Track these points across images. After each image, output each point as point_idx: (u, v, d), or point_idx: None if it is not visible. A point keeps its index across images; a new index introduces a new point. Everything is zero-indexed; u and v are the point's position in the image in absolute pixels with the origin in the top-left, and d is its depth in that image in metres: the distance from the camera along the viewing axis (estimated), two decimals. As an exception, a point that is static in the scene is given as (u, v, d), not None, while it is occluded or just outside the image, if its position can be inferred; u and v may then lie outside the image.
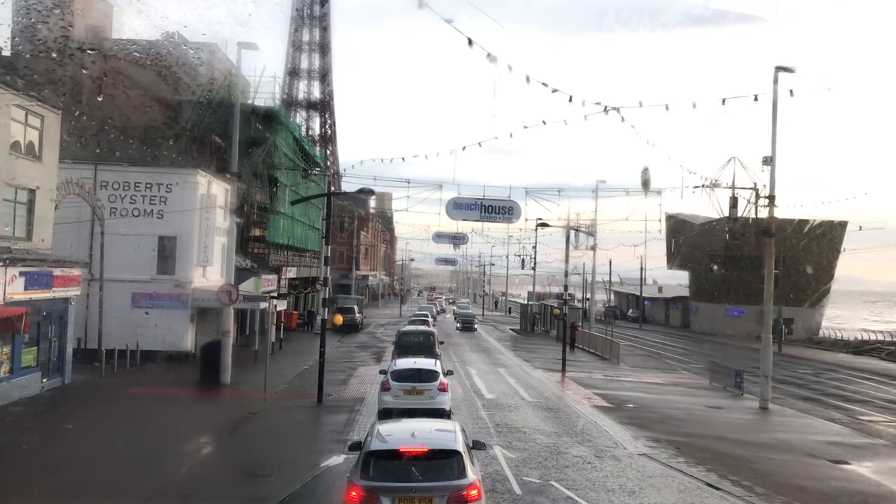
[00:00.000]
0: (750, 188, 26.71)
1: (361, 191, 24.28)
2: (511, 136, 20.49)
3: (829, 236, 77.83)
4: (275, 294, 38.05)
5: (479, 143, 19.61)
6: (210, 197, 35.05)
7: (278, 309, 40.53)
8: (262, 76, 46.28)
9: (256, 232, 50.39)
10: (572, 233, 55.69)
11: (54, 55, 22.99)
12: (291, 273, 53.58)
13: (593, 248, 56.09)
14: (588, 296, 69.67)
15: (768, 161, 26.68)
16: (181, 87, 37.65)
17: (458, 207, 28.14)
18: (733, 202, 27.30)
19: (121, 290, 32.62)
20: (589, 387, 29.38)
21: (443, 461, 9.79)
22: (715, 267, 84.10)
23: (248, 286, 40.67)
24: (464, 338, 53.90)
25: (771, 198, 26.79)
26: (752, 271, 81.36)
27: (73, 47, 25.20)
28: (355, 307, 57.15)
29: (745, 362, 43.39)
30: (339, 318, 24.09)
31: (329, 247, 23.17)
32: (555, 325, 61.39)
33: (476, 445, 11.73)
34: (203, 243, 34.40)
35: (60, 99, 25.45)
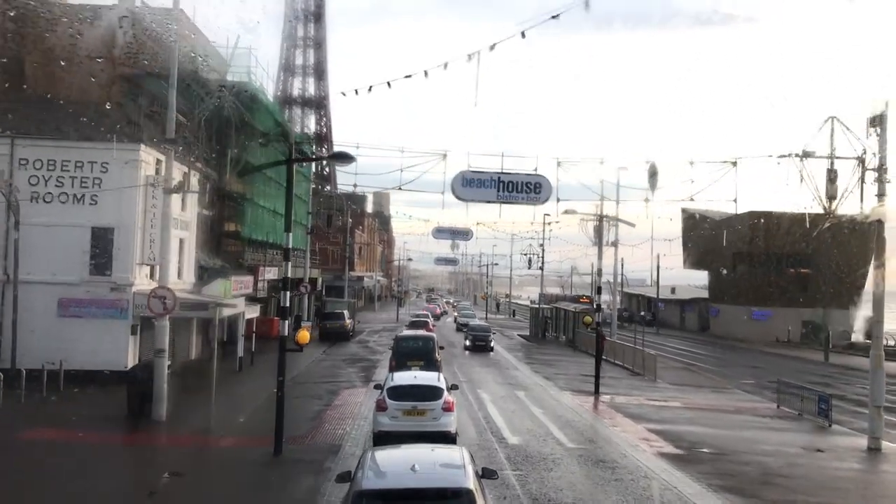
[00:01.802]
0: (853, 158, 20.06)
1: (337, 156, 17.67)
2: (523, 35, 13.63)
3: (860, 231, 71.31)
4: (231, 301, 31.06)
5: (491, 48, 12.52)
6: (160, 179, 28.28)
7: (248, 316, 33.87)
8: (236, 47, 39.46)
9: (232, 227, 43.80)
10: (593, 226, 49.13)
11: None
12: (272, 274, 46.82)
13: (615, 243, 49.31)
14: (605, 298, 62.86)
15: (877, 122, 20.04)
16: (139, 56, 31.19)
17: (469, 184, 21.41)
18: (831, 176, 20.61)
19: (43, 295, 26.04)
20: (638, 419, 22.70)
21: (451, 503, 8.31)
22: (738, 266, 77.51)
23: (213, 289, 34.14)
24: (461, 333, 46.75)
25: (881, 169, 20.14)
26: (778, 270, 75.09)
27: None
28: (345, 312, 50.40)
29: (798, 375, 36.88)
30: (304, 336, 17.23)
31: (290, 234, 16.65)
32: (568, 330, 54.71)
33: (486, 474, 10.38)
34: (149, 236, 27.62)
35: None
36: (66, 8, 30.00)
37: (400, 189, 20.59)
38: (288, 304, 16.99)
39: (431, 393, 17.13)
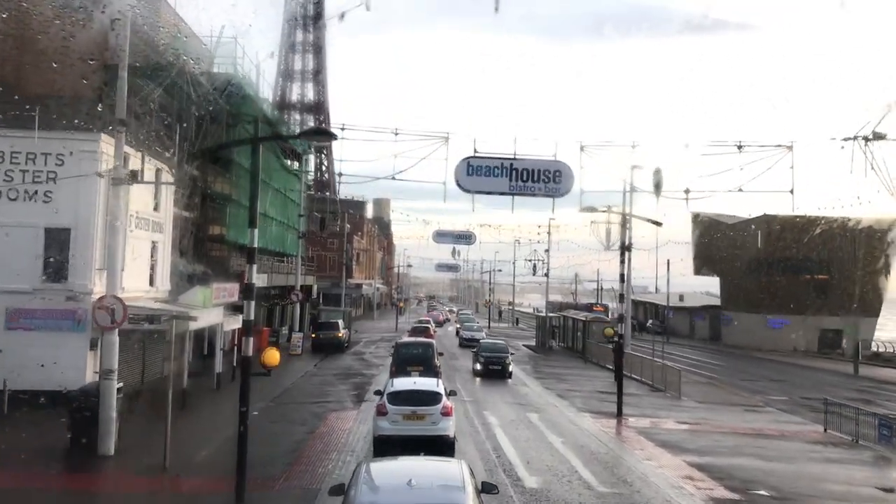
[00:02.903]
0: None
1: (314, 132, 14.40)
2: None
3: (878, 235, 68.03)
4: (196, 312, 27.43)
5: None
6: (125, 174, 25.05)
7: (229, 327, 30.61)
8: (221, 35, 36.28)
9: (216, 230, 40.58)
10: (606, 229, 45.92)
11: None
12: (261, 281, 43.53)
13: (628, 248, 45.91)
14: (612, 305, 59.63)
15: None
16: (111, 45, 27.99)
17: (476, 172, 18.01)
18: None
19: (-11, 306, 22.82)
20: (674, 448, 19.40)
21: None
22: (753, 272, 74.18)
23: (191, 297, 30.91)
24: (466, 350, 43.00)
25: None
26: (794, 276, 71.77)
27: None
28: (339, 322, 47.09)
29: (830, 390, 33.56)
30: (272, 357, 13.99)
31: (256, 230, 13.41)
32: (577, 340, 51.38)
33: (486, 488, 9.75)
34: (112, 239, 24.36)
35: None
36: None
37: (394, 179, 17.40)
38: (251, 318, 13.68)
39: (430, 398, 17.41)
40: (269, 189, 47.91)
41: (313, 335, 46.17)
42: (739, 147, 18.25)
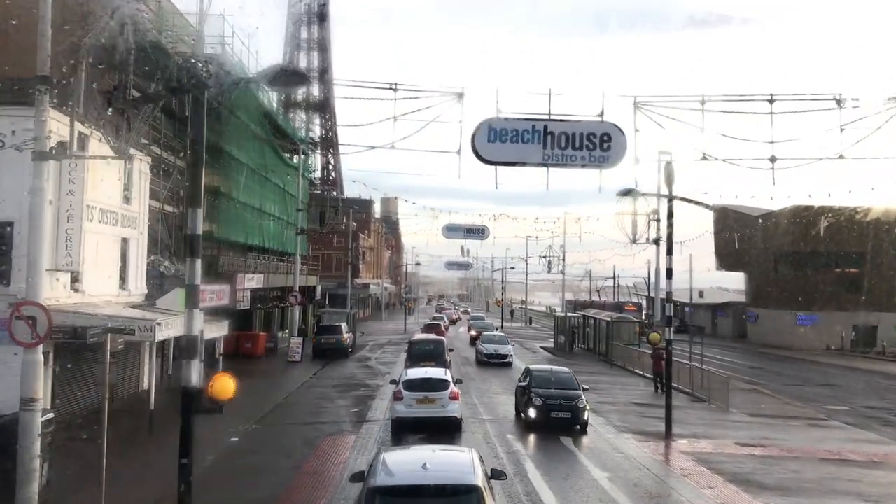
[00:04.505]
0: None
1: (278, 72, 10.59)
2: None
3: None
4: (154, 323, 23.41)
5: None
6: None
7: (212, 335, 26.77)
8: (207, 12, 32.50)
9: (204, 226, 36.86)
10: (633, 220, 41.92)
11: None
12: (255, 282, 39.84)
13: (657, 241, 41.95)
14: (639, 305, 55.65)
15: None
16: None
17: (500, 137, 13.92)
18: None
19: (-85, 315, 19.04)
20: (749, 486, 15.42)
21: (460, 498, 8.73)
22: (781, 267, 70.11)
23: (169, 301, 27.22)
24: (489, 371, 36.12)
25: None
26: (826, 270, 67.57)
27: None
28: (342, 325, 43.27)
29: (891, 397, 29.76)
30: (225, 387, 10.04)
31: (198, 211, 9.67)
32: (600, 341, 47.38)
33: (495, 475, 10.80)
34: (66, 233, 20.62)
35: None
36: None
37: (393, 148, 13.54)
38: (196, 333, 9.92)
39: (440, 385, 19.97)
40: (267, 184, 44.28)
41: (314, 340, 42.44)
42: (838, 100, 14.16)
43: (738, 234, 66.85)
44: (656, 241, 42.07)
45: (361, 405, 25.01)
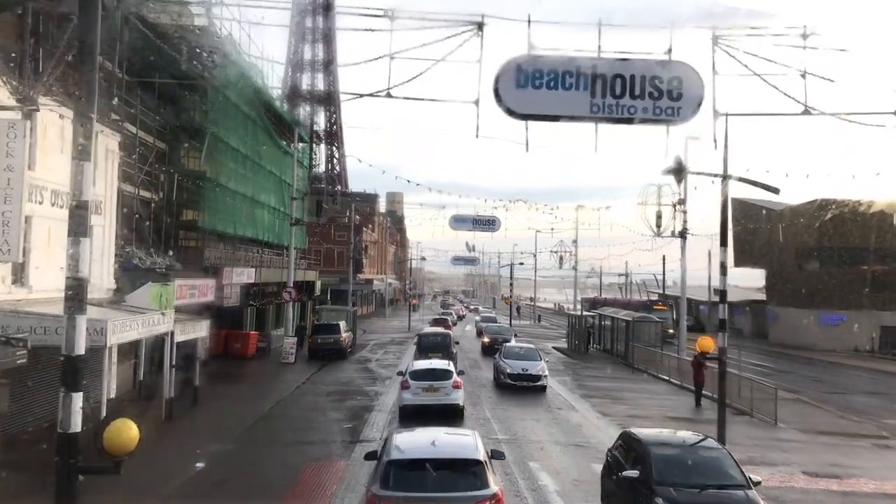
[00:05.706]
0: None
1: None
2: None
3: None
4: (119, 323, 19.96)
5: None
6: (31, 132, 17.88)
7: (185, 337, 23.43)
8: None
9: (189, 215, 33.64)
10: (657, 211, 38.57)
11: None
12: (245, 276, 36.53)
13: (682, 234, 38.54)
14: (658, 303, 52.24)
15: None
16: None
17: (532, 82, 10.15)
18: None
19: None
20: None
21: (465, 471, 9.75)
22: (804, 263, 66.52)
23: (140, 298, 24.05)
24: (514, 400, 26.16)
25: None
26: (851, 267, 64.00)
27: None
28: (341, 324, 39.93)
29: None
30: (126, 437, 6.71)
31: (90, 164, 6.57)
32: (619, 342, 43.97)
33: (495, 455, 11.47)
34: (2, 216, 17.29)
35: None
36: None
37: (389, 96, 10.15)
38: (78, 352, 6.59)
39: (444, 375, 21.70)
40: (260, 171, 40.98)
41: (310, 339, 39.15)
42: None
43: (750, 228, 63.29)
44: (682, 234, 38.72)
45: (356, 419, 21.66)
